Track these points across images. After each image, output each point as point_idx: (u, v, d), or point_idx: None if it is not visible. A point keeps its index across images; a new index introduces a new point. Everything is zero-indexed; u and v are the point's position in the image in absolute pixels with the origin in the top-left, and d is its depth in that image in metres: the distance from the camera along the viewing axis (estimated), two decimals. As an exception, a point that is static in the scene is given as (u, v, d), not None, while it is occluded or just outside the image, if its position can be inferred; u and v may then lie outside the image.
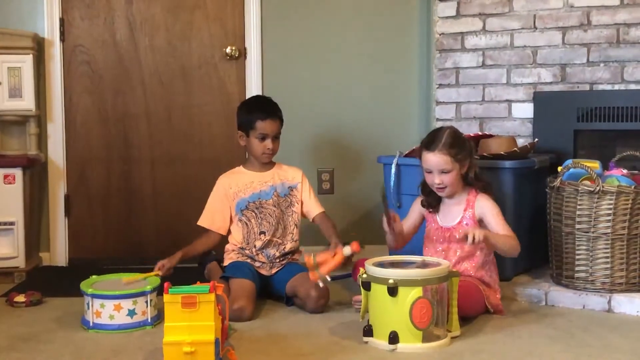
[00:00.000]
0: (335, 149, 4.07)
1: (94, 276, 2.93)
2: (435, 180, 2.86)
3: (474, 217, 2.89)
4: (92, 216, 3.99)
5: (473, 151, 2.97)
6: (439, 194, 2.92)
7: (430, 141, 2.87)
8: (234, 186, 3.23)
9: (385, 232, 2.93)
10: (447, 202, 2.95)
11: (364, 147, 4.04)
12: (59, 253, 3.93)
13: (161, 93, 3.99)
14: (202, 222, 3.25)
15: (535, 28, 3.67)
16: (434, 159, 2.84)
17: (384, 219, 2.89)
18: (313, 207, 3.27)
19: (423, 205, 3.01)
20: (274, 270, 3.16)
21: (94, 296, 2.73)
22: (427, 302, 2.47)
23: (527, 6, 3.67)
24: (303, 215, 3.28)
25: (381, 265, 2.60)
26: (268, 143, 3.19)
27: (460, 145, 2.86)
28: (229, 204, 3.23)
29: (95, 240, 3.99)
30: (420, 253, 2.93)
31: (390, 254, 3.18)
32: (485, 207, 2.88)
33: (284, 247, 3.19)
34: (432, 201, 2.97)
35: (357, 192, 4.07)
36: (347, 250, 2.82)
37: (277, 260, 3.18)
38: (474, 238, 2.67)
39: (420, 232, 3.06)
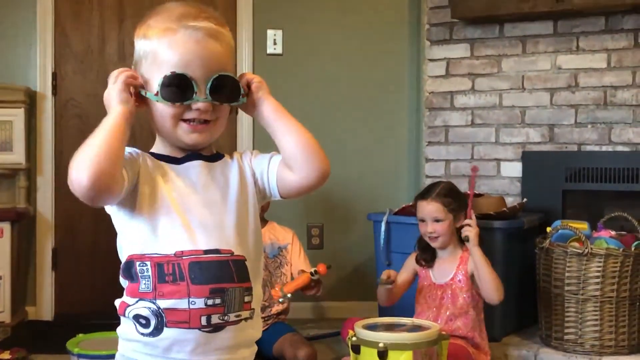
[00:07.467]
0: (325, 205, 4.07)
1: (80, 334, 2.89)
2: (427, 229, 2.86)
3: (467, 274, 2.88)
4: (79, 270, 3.96)
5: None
6: (432, 244, 2.91)
7: (426, 191, 2.94)
8: None
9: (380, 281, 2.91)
10: (441, 258, 2.94)
11: (354, 202, 4.04)
12: (45, 307, 3.89)
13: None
14: None
15: (524, 89, 3.71)
16: (427, 207, 2.86)
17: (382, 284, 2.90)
18: (301, 267, 3.19)
19: (418, 262, 2.99)
20: (259, 331, 3.12)
21: (80, 356, 2.70)
22: (417, 366, 2.45)
23: (516, 67, 3.72)
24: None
25: (371, 327, 2.59)
26: None
27: (454, 197, 2.89)
28: None
29: (82, 295, 3.94)
30: (410, 311, 2.91)
31: (379, 310, 3.17)
32: (477, 258, 2.85)
33: (271, 310, 3.17)
34: (428, 257, 2.96)
35: (347, 247, 4.06)
36: (312, 271, 2.89)
37: (263, 320, 3.14)
38: (470, 236, 2.77)
39: (412, 289, 3.04)
